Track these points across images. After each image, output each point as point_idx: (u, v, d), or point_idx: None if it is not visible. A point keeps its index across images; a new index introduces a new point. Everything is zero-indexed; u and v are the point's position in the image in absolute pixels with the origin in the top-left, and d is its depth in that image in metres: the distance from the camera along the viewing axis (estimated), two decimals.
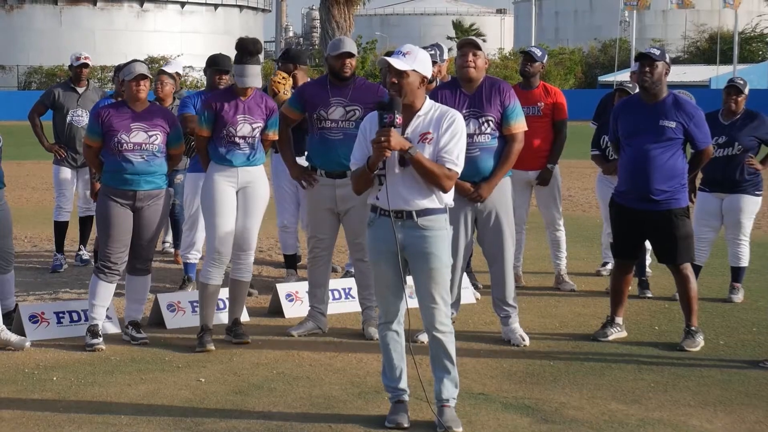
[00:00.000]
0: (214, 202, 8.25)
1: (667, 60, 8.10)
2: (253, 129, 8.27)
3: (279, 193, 10.58)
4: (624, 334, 8.49)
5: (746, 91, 9.72)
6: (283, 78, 10.14)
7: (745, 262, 9.95)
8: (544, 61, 10.36)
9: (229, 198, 8.27)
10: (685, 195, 8.18)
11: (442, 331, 6.28)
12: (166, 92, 10.52)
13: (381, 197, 6.25)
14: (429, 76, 6.29)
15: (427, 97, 6.35)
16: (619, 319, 8.51)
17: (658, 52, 8.05)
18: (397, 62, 6.16)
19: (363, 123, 6.39)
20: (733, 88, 9.72)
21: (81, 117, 11.44)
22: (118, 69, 9.83)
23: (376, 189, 6.27)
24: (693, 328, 8.22)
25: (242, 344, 8.23)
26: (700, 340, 8.19)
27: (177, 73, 11.10)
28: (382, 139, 6.03)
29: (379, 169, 6.18)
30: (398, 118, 6.07)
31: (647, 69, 8.03)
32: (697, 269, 10.04)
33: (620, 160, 8.35)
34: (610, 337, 8.42)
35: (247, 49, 8.20)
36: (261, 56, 8.33)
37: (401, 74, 6.17)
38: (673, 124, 8.02)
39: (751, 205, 9.81)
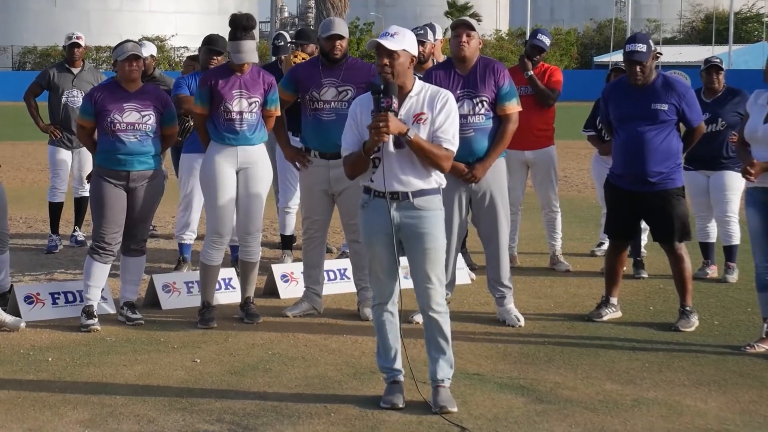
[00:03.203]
0: (214, 182, 8.25)
1: (653, 48, 8.06)
2: (250, 104, 8.25)
3: (284, 174, 10.57)
4: (619, 314, 8.50)
5: (723, 66, 9.91)
6: (303, 59, 10.05)
7: (736, 239, 9.96)
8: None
9: (229, 178, 8.27)
10: (680, 175, 8.19)
11: (438, 311, 6.28)
12: None
13: (376, 179, 6.24)
14: (416, 55, 6.30)
15: (417, 78, 6.35)
16: (614, 300, 8.51)
17: (644, 49, 7.96)
18: (387, 43, 6.14)
19: (352, 107, 6.36)
20: (713, 67, 9.80)
21: (76, 98, 11.40)
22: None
23: (370, 171, 6.26)
24: (687, 308, 8.23)
25: (253, 323, 8.28)
26: (694, 320, 8.20)
27: (152, 56, 11.41)
28: (381, 124, 6.02)
29: (374, 151, 6.17)
30: (395, 102, 6.07)
31: (638, 69, 8.01)
32: (710, 247, 10.07)
33: (614, 143, 8.35)
34: (605, 318, 8.43)
35: (240, 24, 8.18)
36: (255, 32, 8.32)
37: (392, 55, 6.16)
38: (665, 107, 8.01)
39: (736, 181, 9.81)
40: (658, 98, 8.02)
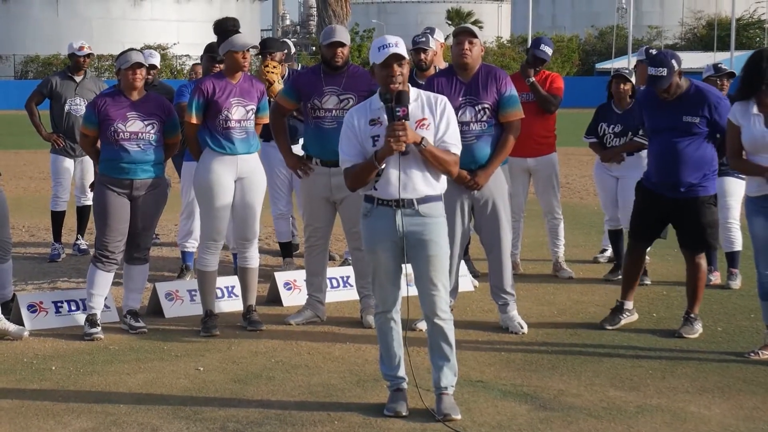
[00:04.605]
0: (212, 191, 8.25)
1: (676, 68, 7.86)
2: (247, 112, 8.27)
3: (272, 180, 10.57)
4: (635, 317, 8.43)
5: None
6: (274, 67, 10.10)
7: (738, 245, 9.96)
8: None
9: (227, 188, 8.27)
10: (713, 183, 8.11)
11: (443, 318, 6.29)
12: None
13: (380, 187, 6.24)
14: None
15: (409, 85, 6.36)
16: (629, 304, 8.43)
17: (665, 72, 7.83)
18: (400, 50, 6.17)
19: (349, 118, 6.35)
20: (729, 74, 9.76)
21: (79, 106, 11.40)
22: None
23: (373, 180, 6.26)
24: (693, 315, 8.21)
25: (256, 331, 8.27)
26: (698, 328, 8.18)
27: (151, 65, 11.22)
28: (400, 132, 6.04)
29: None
30: (408, 111, 6.12)
31: (662, 92, 7.95)
32: (712, 254, 10.05)
33: (649, 150, 8.31)
34: (622, 323, 8.34)
35: (229, 25, 8.28)
36: (255, 39, 8.41)
37: (402, 63, 6.19)
38: (696, 120, 7.92)
39: (736, 187, 9.79)
40: (689, 111, 7.94)
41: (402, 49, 6.20)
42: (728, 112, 7.96)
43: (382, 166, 6.17)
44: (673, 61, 7.90)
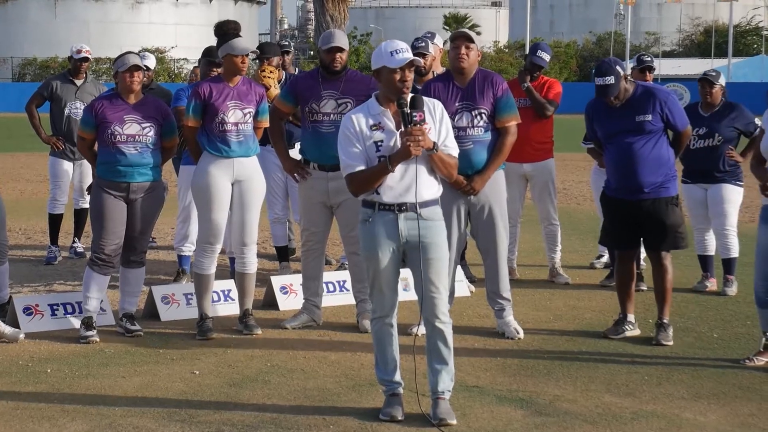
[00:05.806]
0: (209, 194, 8.25)
1: (622, 73, 8.00)
2: (245, 115, 8.27)
3: (268, 184, 10.54)
4: (637, 332, 8.34)
5: (720, 81, 9.84)
6: (271, 72, 10.10)
7: (734, 252, 9.96)
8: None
9: (224, 190, 8.27)
10: (674, 183, 8.15)
11: (444, 321, 6.29)
12: None
13: (382, 192, 6.23)
14: None
15: None
16: (631, 317, 8.35)
17: (613, 80, 7.91)
18: (412, 55, 6.20)
19: (349, 123, 6.30)
20: (705, 81, 9.79)
21: (79, 110, 11.36)
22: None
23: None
24: (665, 320, 8.14)
25: (252, 335, 8.27)
26: (671, 333, 8.13)
27: (146, 67, 11.18)
28: (420, 138, 6.06)
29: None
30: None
31: (612, 98, 8.01)
32: (709, 260, 10.06)
33: (606, 157, 8.34)
34: (623, 335, 8.30)
35: (230, 27, 8.28)
36: (253, 42, 8.41)
37: (413, 68, 6.23)
38: (650, 117, 7.99)
39: (734, 194, 9.83)
40: (640, 110, 8.01)
41: (410, 53, 6.22)
42: (676, 106, 8.04)
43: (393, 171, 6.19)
44: (618, 68, 8.02)
